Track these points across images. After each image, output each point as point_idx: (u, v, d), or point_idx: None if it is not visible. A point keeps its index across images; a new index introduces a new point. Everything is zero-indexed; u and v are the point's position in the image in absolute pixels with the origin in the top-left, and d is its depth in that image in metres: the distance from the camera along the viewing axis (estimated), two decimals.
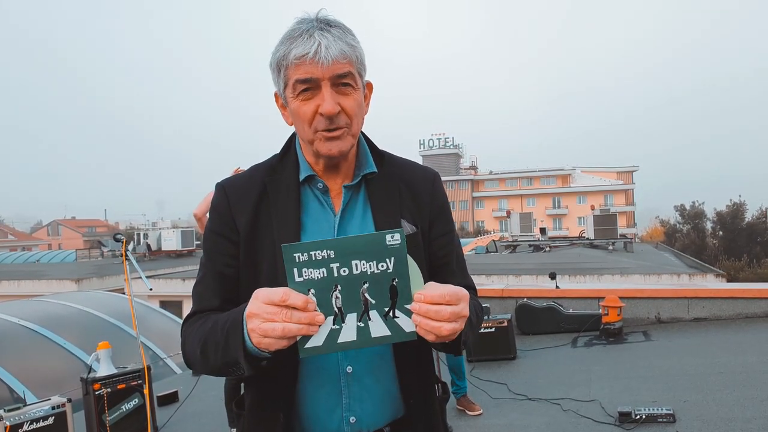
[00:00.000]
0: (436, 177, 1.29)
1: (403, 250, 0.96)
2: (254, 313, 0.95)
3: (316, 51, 1.06)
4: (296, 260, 0.94)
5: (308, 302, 0.94)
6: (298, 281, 0.95)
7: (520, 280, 14.06)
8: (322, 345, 0.96)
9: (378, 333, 0.98)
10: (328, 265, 0.95)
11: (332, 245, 0.95)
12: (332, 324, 0.96)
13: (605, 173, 69.54)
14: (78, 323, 7.76)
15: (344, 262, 0.95)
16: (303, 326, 0.93)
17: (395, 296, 0.97)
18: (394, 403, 1.20)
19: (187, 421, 4.90)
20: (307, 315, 0.93)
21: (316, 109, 1.10)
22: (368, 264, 0.96)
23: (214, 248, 1.21)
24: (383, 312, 0.98)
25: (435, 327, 0.96)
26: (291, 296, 0.93)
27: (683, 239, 36.51)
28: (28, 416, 3.54)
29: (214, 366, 1.10)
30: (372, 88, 1.24)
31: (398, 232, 0.97)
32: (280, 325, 0.92)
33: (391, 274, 0.97)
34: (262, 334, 0.94)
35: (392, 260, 0.96)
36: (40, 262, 32.12)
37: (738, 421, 3.80)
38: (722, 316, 6.92)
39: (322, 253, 0.94)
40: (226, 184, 1.23)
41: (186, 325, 1.20)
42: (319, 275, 0.95)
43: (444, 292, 0.97)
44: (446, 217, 1.29)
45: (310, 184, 1.20)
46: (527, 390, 4.93)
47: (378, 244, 0.96)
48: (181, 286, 17.85)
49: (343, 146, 1.13)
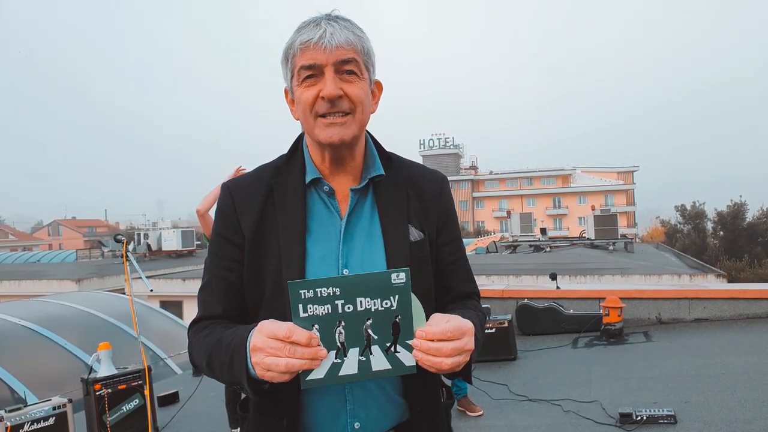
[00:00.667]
0: (444, 181, 1.29)
1: (407, 289, 0.98)
2: (258, 347, 0.97)
3: (321, 36, 1.07)
4: (302, 297, 0.96)
5: (312, 338, 0.95)
6: (303, 317, 0.97)
7: (521, 280, 14.05)
8: (323, 377, 0.98)
9: (379, 367, 1.00)
10: (333, 301, 0.97)
11: (338, 283, 0.97)
12: (334, 358, 0.98)
13: (605, 173, 69.51)
14: (79, 324, 7.75)
15: (349, 299, 0.97)
16: (306, 361, 0.95)
17: (397, 332, 0.99)
18: (399, 409, 1.19)
19: (188, 421, 4.90)
20: (311, 350, 0.95)
21: (318, 93, 1.10)
22: (373, 301, 0.98)
23: (219, 252, 1.20)
24: (385, 347, 1.00)
25: (435, 363, 0.98)
26: (295, 333, 0.95)
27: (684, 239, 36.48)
28: (28, 417, 3.54)
29: (220, 379, 1.15)
30: (381, 87, 1.23)
31: (404, 272, 0.98)
32: (284, 360, 0.94)
33: (394, 311, 0.99)
34: (266, 368, 0.96)
35: (396, 298, 0.98)
36: (41, 262, 32.11)
37: (739, 422, 3.80)
38: (723, 316, 6.91)
39: (327, 290, 0.96)
40: (232, 186, 1.22)
41: (192, 332, 1.20)
42: (324, 311, 0.97)
43: (446, 329, 0.99)
44: (454, 223, 1.29)
45: (317, 187, 1.19)
46: (528, 391, 4.92)
47: (383, 282, 0.98)
48: (182, 287, 17.85)
49: (344, 133, 1.11)
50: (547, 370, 5.59)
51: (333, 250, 1.15)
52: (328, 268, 1.14)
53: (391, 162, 1.24)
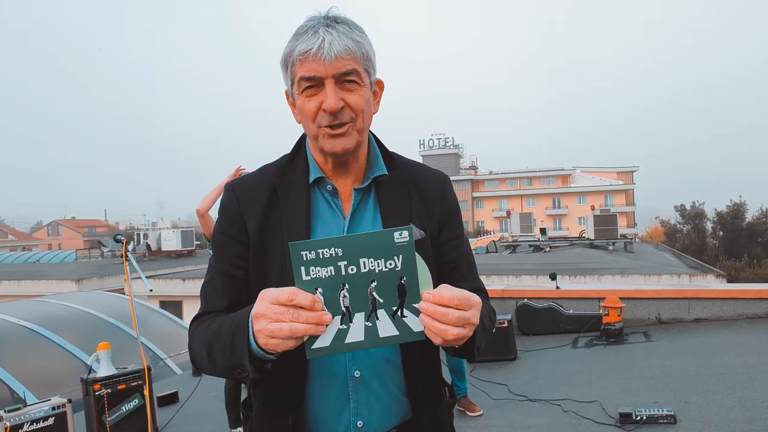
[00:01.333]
0: (446, 181, 1.29)
1: (411, 248, 0.96)
2: (261, 313, 0.94)
3: (320, 47, 1.06)
4: (304, 258, 0.93)
5: (316, 301, 0.93)
6: (306, 280, 0.94)
7: (520, 280, 14.06)
8: (329, 345, 0.95)
9: (386, 333, 0.96)
10: (336, 263, 0.94)
11: (340, 243, 0.94)
12: (340, 324, 0.95)
13: (605, 173, 69.52)
14: (78, 324, 7.75)
15: (352, 260, 0.94)
16: (310, 326, 0.92)
17: (403, 295, 0.96)
18: (402, 408, 1.20)
19: (188, 421, 4.90)
20: (315, 314, 0.92)
21: (320, 105, 1.09)
22: (376, 262, 0.95)
23: (223, 249, 1.20)
24: (391, 311, 0.96)
25: (441, 329, 0.95)
26: (298, 296, 0.92)
27: (683, 239, 36.52)
28: (28, 417, 3.54)
29: (220, 368, 1.10)
30: (383, 86, 1.23)
31: (407, 230, 0.96)
32: (287, 325, 0.92)
33: (399, 272, 0.96)
34: (269, 334, 0.93)
35: (400, 258, 0.95)
36: (40, 262, 32.10)
37: (739, 422, 3.80)
38: (723, 316, 6.91)
39: (330, 251, 0.93)
40: (235, 186, 1.22)
41: (193, 326, 1.20)
42: (327, 273, 0.94)
43: (454, 295, 0.96)
44: (456, 221, 1.28)
45: (320, 186, 1.20)
46: (527, 391, 4.92)
47: (386, 242, 0.95)
48: (181, 287, 17.85)
49: (347, 143, 1.12)
50: (547, 370, 5.59)
51: None
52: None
53: (394, 162, 1.25)
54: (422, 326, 0.96)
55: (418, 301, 0.96)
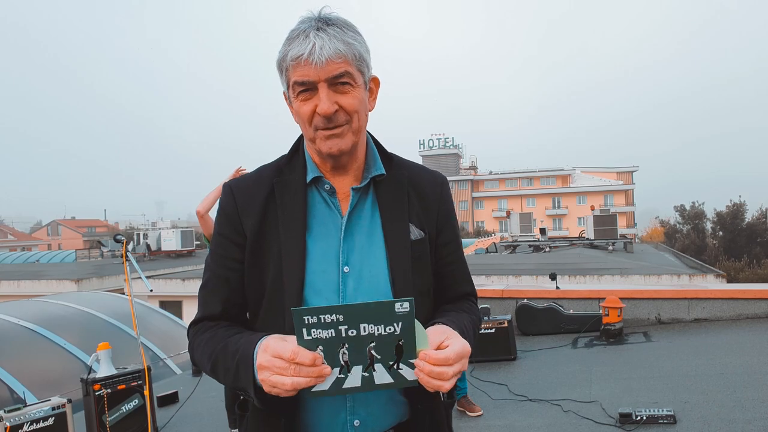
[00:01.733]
0: (444, 182, 1.30)
1: (411, 317, 0.99)
2: (264, 366, 1.00)
3: (311, 52, 1.06)
4: (305, 322, 0.97)
5: (316, 359, 0.98)
6: (307, 339, 0.98)
7: (520, 280, 14.05)
8: (328, 389, 1.01)
9: (382, 381, 1.02)
10: (337, 327, 0.98)
11: (341, 311, 0.98)
12: (338, 373, 1.01)
13: (605, 173, 69.52)
14: (78, 324, 7.75)
15: (352, 325, 0.98)
16: (311, 379, 0.98)
17: (401, 354, 1.01)
18: (399, 407, 1.20)
19: (188, 421, 4.90)
20: (315, 369, 0.97)
21: (315, 108, 1.10)
22: (376, 327, 0.99)
23: (220, 251, 1.21)
24: (388, 365, 1.02)
25: (436, 385, 1.01)
26: (299, 354, 0.97)
27: (683, 239, 36.53)
28: (28, 417, 3.53)
29: (224, 383, 1.16)
30: (378, 83, 1.23)
31: (407, 301, 0.99)
32: (290, 380, 0.97)
33: (398, 336, 1.00)
34: (272, 385, 1.00)
35: (400, 325, 0.99)
36: (40, 262, 32.07)
37: (739, 422, 3.80)
38: (723, 316, 6.91)
39: (331, 317, 0.97)
40: (233, 185, 1.23)
41: (193, 332, 1.21)
42: (328, 335, 0.98)
43: (448, 356, 1.01)
44: (453, 223, 1.30)
45: (318, 186, 1.20)
46: (528, 391, 4.92)
47: (387, 312, 0.98)
48: (181, 287, 17.83)
49: (343, 144, 1.13)
50: (547, 370, 5.59)
51: (333, 247, 1.16)
52: (328, 266, 1.15)
53: (392, 162, 1.25)
54: (415, 376, 1.02)
55: (414, 357, 1.02)
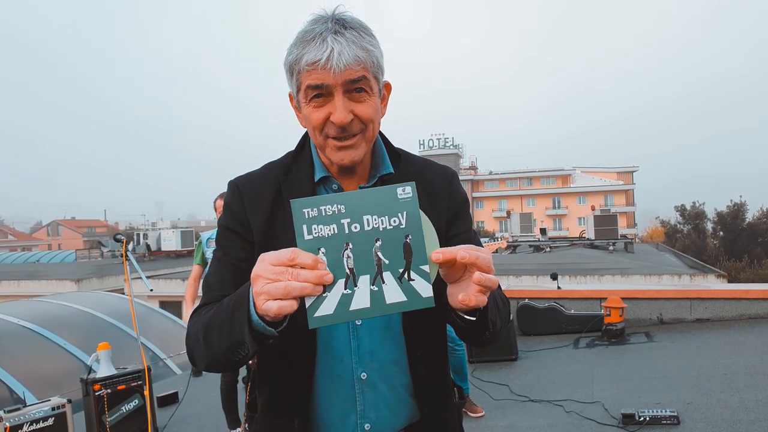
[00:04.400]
0: (454, 176, 1.27)
1: (415, 204, 0.93)
2: (259, 274, 0.89)
3: (329, 58, 1.02)
4: (306, 216, 0.90)
5: (318, 261, 0.88)
6: (308, 239, 0.90)
7: (521, 280, 14.05)
8: (333, 313, 0.89)
9: (393, 299, 0.90)
10: (339, 221, 0.91)
11: (343, 199, 0.91)
12: (344, 288, 0.90)
13: (605, 173, 69.53)
14: (78, 324, 7.73)
15: (355, 217, 0.91)
16: (308, 285, 0.86)
17: (410, 255, 0.91)
18: (410, 409, 1.17)
19: (188, 422, 4.88)
20: (314, 273, 0.86)
21: (328, 116, 1.06)
22: (380, 219, 0.92)
23: (228, 243, 1.18)
24: (398, 274, 0.91)
25: (493, 280, 0.90)
26: (299, 255, 0.88)
27: (684, 240, 36.48)
28: (28, 417, 3.51)
29: (217, 351, 1.03)
30: (390, 88, 1.20)
31: (409, 185, 0.93)
32: (283, 283, 0.86)
33: (404, 230, 0.92)
34: (266, 295, 0.87)
35: (405, 215, 0.92)
36: (40, 263, 32.08)
37: (742, 423, 3.78)
38: (725, 317, 6.89)
39: (332, 208, 0.91)
40: (239, 183, 1.19)
41: (192, 318, 1.16)
42: (330, 232, 0.90)
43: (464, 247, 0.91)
44: (465, 215, 1.26)
45: (325, 185, 1.17)
46: (529, 391, 4.90)
47: (389, 198, 0.92)
48: (181, 287, 17.80)
49: (355, 155, 1.10)
50: (549, 370, 5.57)
51: None
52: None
53: (400, 159, 1.23)
54: (431, 292, 0.91)
55: (425, 262, 0.91)
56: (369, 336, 1.13)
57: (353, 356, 1.12)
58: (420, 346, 1.15)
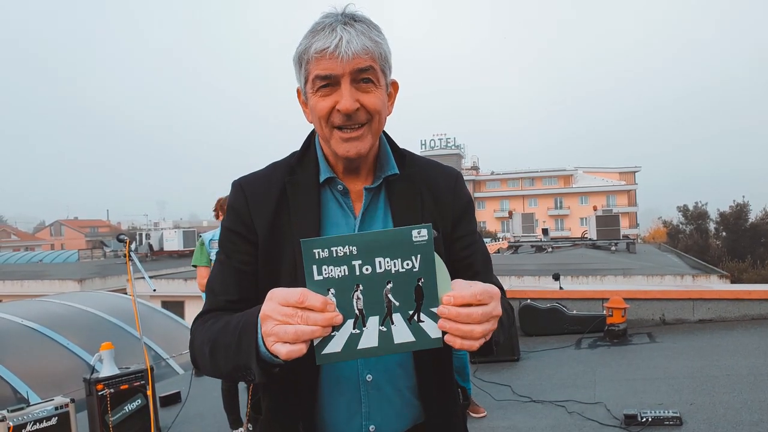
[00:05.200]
0: (458, 177, 1.27)
1: (430, 247, 0.90)
2: (268, 315, 0.89)
3: (337, 45, 1.03)
4: (316, 257, 0.88)
5: (327, 303, 0.87)
6: (318, 280, 0.88)
7: (523, 280, 14.02)
8: (341, 351, 0.89)
9: (401, 339, 0.90)
10: (350, 262, 0.89)
11: (355, 241, 0.89)
12: (352, 328, 0.89)
13: (607, 174, 69.44)
14: (81, 323, 7.75)
15: (367, 259, 0.89)
16: (317, 328, 0.86)
17: (420, 298, 0.90)
18: (414, 411, 1.17)
19: (190, 422, 4.88)
20: (324, 316, 0.86)
21: (334, 105, 1.07)
22: (393, 262, 0.89)
23: (231, 246, 1.17)
24: (407, 315, 0.90)
25: (466, 331, 0.89)
26: (308, 297, 0.87)
27: (686, 240, 36.35)
28: (31, 416, 3.53)
29: (223, 369, 1.05)
30: (397, 87, 1.20)
31: (425, 228, 0.90)
32: (293, 327, 0.86)
33: (417, 273, 0.90)
34: (274, 336, 0.88)
35: (418, 258, 0.90)
36: (43, 263, 32.16)
37: (745, 424, 3.77)
38: (728, 317, 6.87)
39: (344, 249, 0.88)
40: (243, 183, 1.19)
41: (196, 324, 1.16)
42: (340, 273, 0.89)
43: (475, 291, 0.90)
44: (470, 216, 1.26)
45: (330, 186, 1.17)
46: (531, 392, 4.90)
47: (404, 240, 0.90)
48: (183, 287, 17.85)
49: (361, 147, 1.10)
50: (551, 371, 5.57)
51: None
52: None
53: (405, 160, 1.22)
54: (439, 332, 0.90)
55: (436, 304, 0.90)
56: None
57: None
58: None
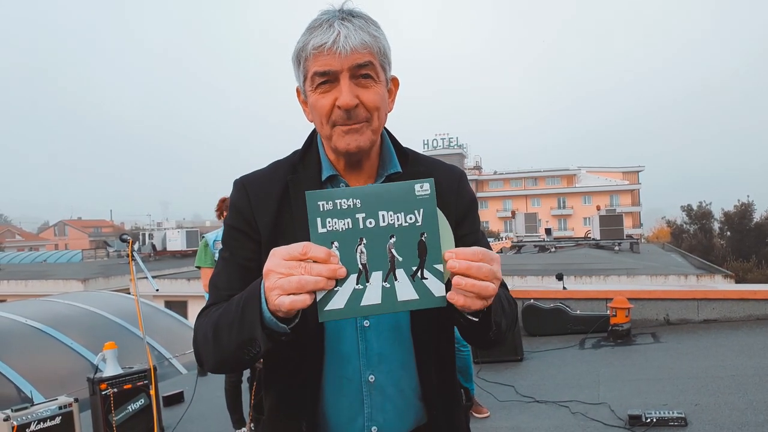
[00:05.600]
0: (462, 176, 1.26)
1: (432, 202, 0.91)
2: (271, 269, 0.88)
3: (335, 40, 1.02)
4: (320, 209, 0.88)
5: (330, 255, 0.87)
6: (321, 233, 0.89)
7: (526, 280, 14.00)
8: (343, 307, 0.88)
9: (405, 296, 0.90)
10: (354, 215, 0.89)
11: (359, 194, 0.90)
12: (356, 283, 0.89)
13: (611, 173, 69.26)
14: (84, 323, 7.77)
15: (371, 212, 0.89)
16: (321, 279, 0.85)
17: (424, 254, 0.90)
18: (417, 412, 1.17)
19: (193, 421, 4.89)
20: (327, 267, 0.85)
21: (334, 101, 1.06)
22: (396, 215, 0.90)
23: (234, 243, 1.17)
24: (411, 271, 0.90)
25: (481, 286, 0.87)
26: (312, 249, 0.86)
27: (690, 240, 36.22)
28: (35, 416, 3.54)
29: (227, 349, 1.02)
30: (398, 83, 1.20)
31: (428, 182, 0.91)
32: (296, 278, 0.85)
33: (420, 228, 0.90)
34: (279, 290, 0.86)
35: (421, 212, 0.91)
36: (47, 263, 32.29)
37: (751, 425, 3.75)
38: (732, 317, 6.85)
39: (347, 202, 0.89)
40: (246, 182, 1.19)
41: (199, 319, 1.15)
42: (344, 226, 0.89)
43: (477, 250, 0.90)
44: (473, 215, 1.25)
45: (333, 184, 1.17)
46: (535, 392, 4.89)
47: (407, 194, 0.91)
48: (187, 287, 17.87)
49: (361, 141, 1.09)
50: (554, 371, 5.55)
51: None
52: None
53: (408, 158, 1.22)
54: (443, 291, 0.90)
55: (439, 261, 0.90)
56: (377, 338, 1.12)
57: (361, 359, 1.11)
58: (428, 349, 1.14)
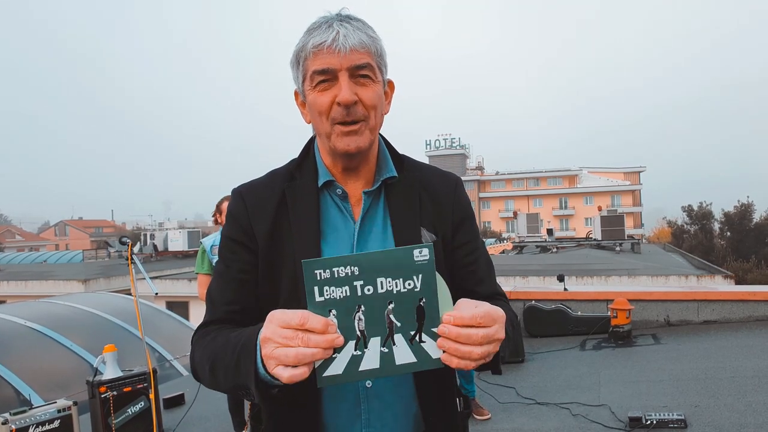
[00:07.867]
0: (458, 183, 1.26)
1: (431, 267, 0.90)
2: (268, 337, 0.88)
3: (334, 39, 1.04)
4: (317, 278, 0.88)
5: (329, 325, 0.87)
6: (319, 301, 0.88)
7: (527, 281, 13.98)
8: (342, 373, 0.89)
9: (403, 360, 0.90)
10: (352, 283, 0.88)
11: (356, 261, 0.89)
12: (354, 350, 0.89)
13: (612, 174, 69.23)
14: (84, 325, 7.75)
15: (369, 279, 0.89)
16: (318, 351, 0.86)
17: (422, 318, 0.90)
18: (415, 419, 1.16)
19: (194, 424, 4.88)
20: (325, 338, 0.86)
21: (333, 99, 1.07)
22: (394, 282, 0.89)
23: (231, 255, 1.17)
24: (409, 336, 0.90)
25: (464, 352, 0.89)
26: (310, 319, 0.86)
27: (691, 240, 36.17)
28: (33, 419, 3.53)
29: (224, 387, 1.06)
30: (393, 87, 1.21)
31: (427, 247, 0.90)
32: (294, 350, 0.85)
33: (418, 293, 0.90)
34: (275, 360, 0.87)
35: (420, 278, 0.90)
36: (48, 263, 32.27)
37: (750, 426, 3.74)
38: (733, 318, 6.83)
39: (345, 270, 0.88)
40: (243, 191, 1.19)
41: (197, 336, 1.15)
42: (342, 294, 0.88)
43: (475, 314, 0.90)
44: (470, 222, 1.24)
45: (329, 190, 1.17)
46: (536, 394, 4.88)
47: (405, 260, 0.90)
48: (188, 287, 17.87)
49: (360, 142, 1.09)
50: (555, 372, 5.55)
51: (347, 254, 1.12)
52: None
53: (403, 164, 1.22)
54: (440, 352, 0.90)
55: (437, 324, 0.90)
56: None
57: None
58: None
